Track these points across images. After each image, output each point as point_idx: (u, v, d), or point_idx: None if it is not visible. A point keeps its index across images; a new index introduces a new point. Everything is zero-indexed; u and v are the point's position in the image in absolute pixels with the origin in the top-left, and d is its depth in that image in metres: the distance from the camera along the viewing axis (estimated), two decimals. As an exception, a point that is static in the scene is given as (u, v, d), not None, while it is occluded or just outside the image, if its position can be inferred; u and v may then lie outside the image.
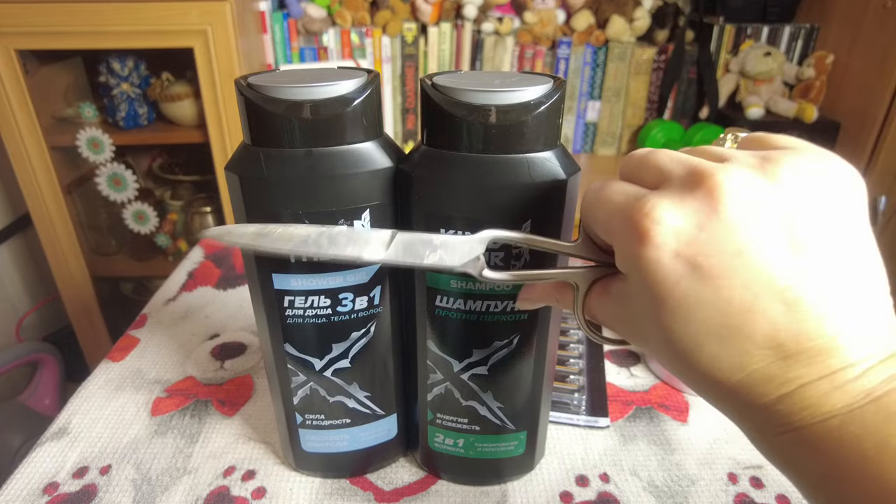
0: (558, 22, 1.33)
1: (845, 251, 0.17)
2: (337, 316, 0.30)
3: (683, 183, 0.18)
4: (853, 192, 0.18)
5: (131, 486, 0.36)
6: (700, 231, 0.17)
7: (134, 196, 1.20)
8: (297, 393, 0.33)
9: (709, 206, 0.17)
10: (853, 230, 0.18)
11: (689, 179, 0.18)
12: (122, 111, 1.14)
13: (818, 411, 0.16)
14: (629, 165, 0.22)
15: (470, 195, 0.26)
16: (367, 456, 0.36)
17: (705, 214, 0.17)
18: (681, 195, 0.18)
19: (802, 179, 0.18)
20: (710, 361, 0.18)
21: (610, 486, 0.36)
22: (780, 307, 0.17)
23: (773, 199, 0.17)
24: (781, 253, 0.17)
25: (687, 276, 0.17)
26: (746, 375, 0.17)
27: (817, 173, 0.18)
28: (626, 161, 0.22)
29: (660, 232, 0.18)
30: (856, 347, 0.17)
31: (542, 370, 0.32)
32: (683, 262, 0.17)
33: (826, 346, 0.16)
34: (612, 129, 1.43)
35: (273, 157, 0.26)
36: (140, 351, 0.49)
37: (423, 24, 1.31)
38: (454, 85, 0.26)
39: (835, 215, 0.17)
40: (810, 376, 0.17)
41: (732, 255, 0.17)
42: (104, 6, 0.98)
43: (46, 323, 1.37)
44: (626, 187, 0.20)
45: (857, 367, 0.16)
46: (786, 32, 1.35)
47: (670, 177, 0.19)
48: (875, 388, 0.16)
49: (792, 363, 0.17)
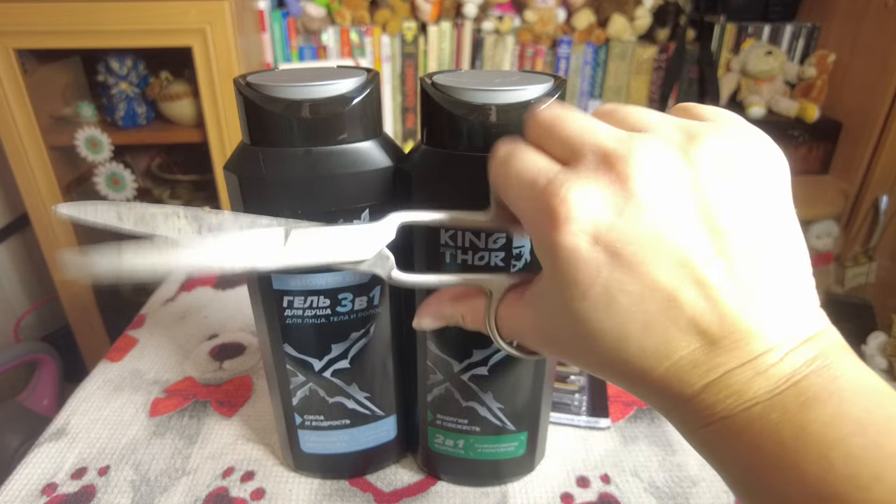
0: (559, 21, 1.33)
1: (766, 233, 0.17)
2: (336, 316, 0.30)
3: (598, 161, 0.17)
4: (776, 172, 0.18)
5: (130, 486, 0.36)
6: (617, 216, 0.17)
7: (133, 196, 1.20)
8: (297, 394, 0.33)
9: (626, 190, 0.17)
10: (774, 211, 0.17)
11: (604, 158, 0.17)
12: (120, 110, 1.14)
13: (741, 398, 0.16)
14: (537, 129, 0.20)
15: (470, 195, 0.26)
16: (367, 457, 0.36)
17: (623, 198, 0.17)
18: (595, 176, 0.17)
19: (723, 160, 0.17)
20: (636, 352, 0.17)
21: (611, 487, 0.36)
22: (701, 292, 0.16)
23: (691, 181, 0.17)
24: (700, 237, 0.16)
25: (607, 264, 0.17)
26: (672, 364, 0.17)
27: (739, 153, 0.17)
28: (534, 122, 0.20)
29: (575, 218, 0.17)
30: (777, 330, 0.16)
31: (543, 370, 0.32)
32: (602, 250, 0.17)
33: (748, 330, 0.16)
34: (613, 129, 1.43)
35: (272, 156, 0.26)
36: (139, 351, 0.48)
37: (423, 22, 1.31)
38: (454, 84, 0.26)
39: (755, 197, 0.17)
40: (733, 362, 0.16)
41: (652, 241, 0.16)
42: (103, 5, 0.98)
43: (45, 323, 1.36)
44: (536, 160, 0.19)
45: (779, 351, 0.16)
46: (787, 31, 1.35)
47: (582, 153, 0.18)
48: (796, 371, 0.16)
49: (716, 349, 0.16)
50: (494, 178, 0.21)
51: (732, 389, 0.16)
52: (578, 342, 0.19)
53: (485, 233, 0.25)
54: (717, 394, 0.16)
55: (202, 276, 0.46)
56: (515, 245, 0.27)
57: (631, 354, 0.17)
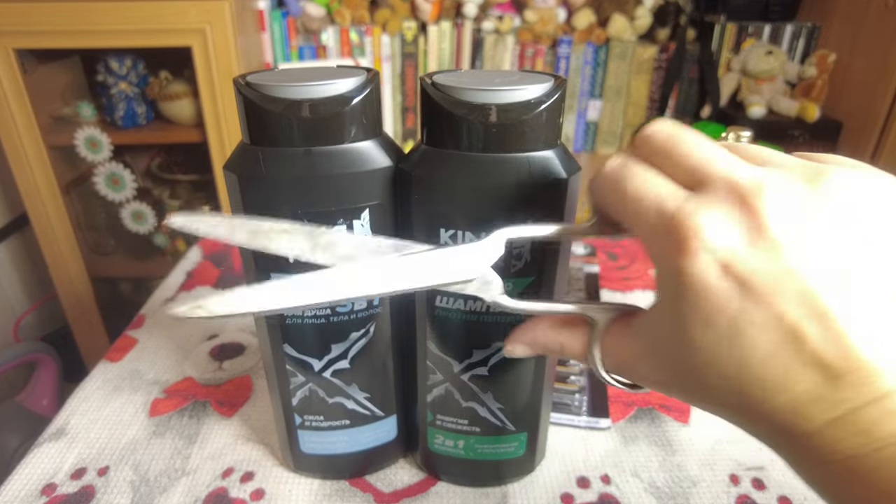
0: (559, 20, 1.33)
1: (892, 272, 0.17)
2: (336, 316, 0.30)
3: (728, 192, 0.17)
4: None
5: (129, 487, 0.35)
6: (750, 248, 0.17)
7: (132, 196, 1.20)
8: (296, 394, 0.33)
9: (759, 222, 0.17)
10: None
11: (735, 189, 0.17)
12: (120, 110, 1.14)
13: (870, 438, 0.16)
14: (651, 145, 0.20)
15: (470, 195, 0.26)
16: (367, 457, 0.36)
17: (756, 231, 0.17)
18: (727, 206, 0.17)
19: (851, 196, 0.17)
20: (754, 383, 0.17)
21: (611, 487, 0.36)
22: (825, 326, 0.16)
23: (821, 217, 0.17)
24: (828, 272, 0.16)
25: (737, 295, 0.17)
26: (792, 397, 0.17)
27: (866, 190, 0.17)
28: (648, 139, 0.20)
29: (707, 247, 0.17)
30: None
31: (543, 371, 0.32)
32: (732, 281, 0.17)
33: (874, 368, 0.16)
34: (613, 129, 1.43)
35: (272, 156, 0.26)
36: (138, 351, 0.48)
37: (423, 22, 1.31)
38: (454, 84, 0.26)
39: (883, 234, 0.17)
40: (860, 399, 0.16)
41: (782, 274, 0.16)
42: (103, 5, 0.98)
43: (44, 323, 1.36)
44: (657, 182, 0.19)
45: None
46: (787, 31, 1.35)
47: (710, 181, 0.18)
48: None
49: (839, 385, 0.16)
50: (604, 192, 0.21)
51: (860, 428, 0.16)
52: (690, 372, 0.18)
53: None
54: (841, 431, 0.16)
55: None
56: (516, 246, 0.27)
57: (748, 385, 0.17)
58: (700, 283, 0.17)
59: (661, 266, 0.19)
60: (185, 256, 0.64)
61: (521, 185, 0.26)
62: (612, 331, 0.22)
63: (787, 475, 0.37)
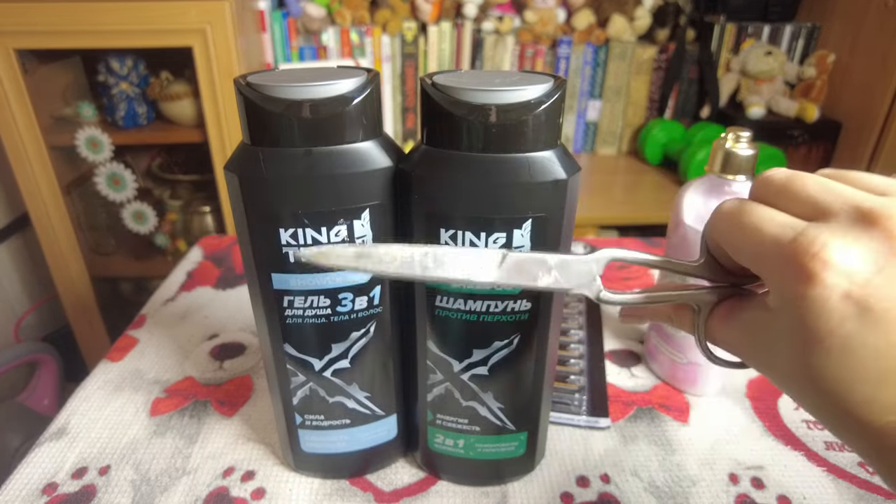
0: (559, 21, 1.33)
1: None
2: (336, 316, 0.30)
3: (854, 219, 0.18)
4: None
5: (130, 486, 0.36)
6: (877, 273, 0.17)
7: (133, 196, 1.20)
8: (297, 393, 0.33)
9: (888, 248, 0.17)
10: None
11: (860, 216, 0.18)
12: (121, 110, 1.14)
13: None
14: (767, 188, 0.21)
15: (470, 195, 0.26)
16: (367, 456, 0.36)
17: (884, 256, 0.17)
18: (853, 234, 0.18)
19: None
20: (861, 402, 0.17)
21: (611, 486, 0.36)
22: None
23: None
24: None
25: (854, 318, 0.17)
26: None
27: None
28: (764, 183, 0.21)
29: (831, 273, 0.17)
30: None
31: (543, 370, 0.32)
32: (853, 304, 0.17)
33: None
34: (613, 129, 1.43)
35: (272, 156, 0.26)
36: (139, 351, 0.48)
37: (423, 22, 1.31)
38: (454, 84, 0.26)
39: None
40: None
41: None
42: (103, 5, 0.98)
43: (45, 323, 1.36)
44: (777, 216, 0.19)
45: None
46: (787, 32, 1.35)
47: (832, 211, 0.18)
48: None
49: None
50: (721, 228, 0.21)
51: None
52: (796, 377, 0.19)
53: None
54: None
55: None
56: (516, 247, 0.27)
57: (854, 404, 0.17)
58: (820, 306, 0.17)
59: (780, 292, 0.19)
60: (186, 256, 0.64)
61: (521, 185, 0.26)
62: (716, 317, 0.23)
63: (786, 474, 0.37)
